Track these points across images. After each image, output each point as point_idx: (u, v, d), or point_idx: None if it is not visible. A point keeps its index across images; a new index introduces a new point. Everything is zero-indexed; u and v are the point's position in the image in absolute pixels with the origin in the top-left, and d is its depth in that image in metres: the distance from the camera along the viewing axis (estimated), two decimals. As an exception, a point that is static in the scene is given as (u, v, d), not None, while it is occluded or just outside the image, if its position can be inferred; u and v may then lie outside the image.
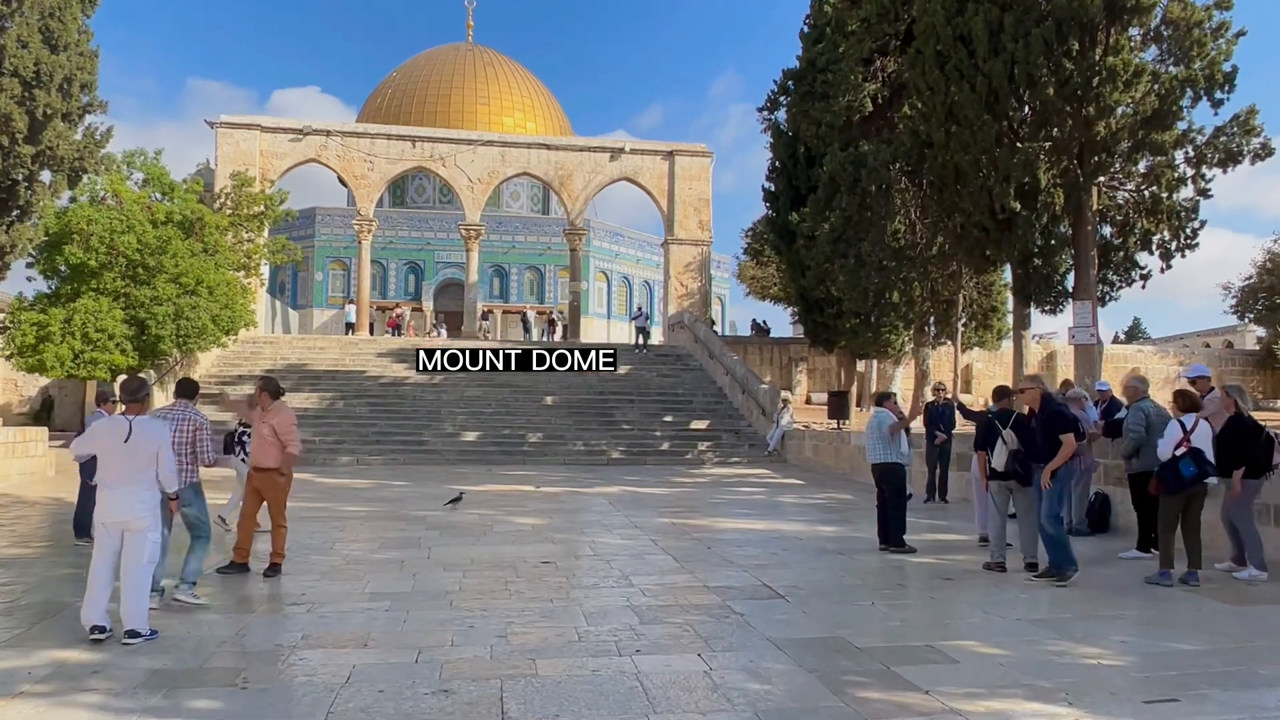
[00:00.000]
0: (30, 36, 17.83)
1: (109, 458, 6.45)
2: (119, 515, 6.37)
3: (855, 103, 20.42)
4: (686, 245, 37.36)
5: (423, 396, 26.88)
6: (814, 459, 21.76)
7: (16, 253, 20.95)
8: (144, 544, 6.39)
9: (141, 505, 6.41)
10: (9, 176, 19.30)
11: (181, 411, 7.53)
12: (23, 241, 20.83)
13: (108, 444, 6.46)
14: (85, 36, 19.86)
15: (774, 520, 12.93)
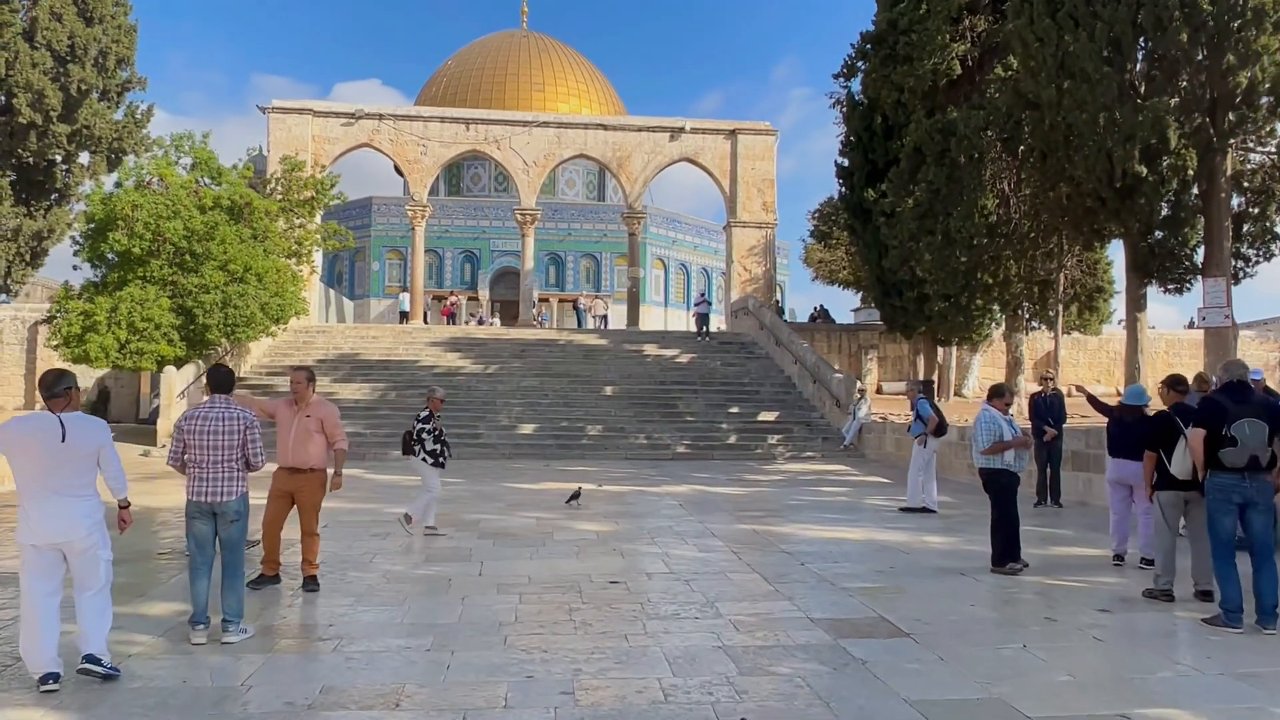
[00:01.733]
0: (64, 8, 17.01)
1: (37, 464, 5.15)
2: (56, 535, 5.15)
3: (942, 65, 18.63)
4: (750, 228, 35.72)
5: (477, 387, 25.78)
6: (896, 454, 20.08)
7: (54, 238, 20.25)
8: (97, 565, 5.28)
9: (85, 520, 5.20)
10: (44, 157, 18.53)
11: (225, 408, 6.32)
12: (61, 226, 20.12)
13: (34, 447, 5.13)
14: (122, 9, 19.02)
15: (869, 527, 11.41)
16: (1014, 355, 20.78)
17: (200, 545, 6.20)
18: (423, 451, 10.36)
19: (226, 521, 6.18)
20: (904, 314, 24.27)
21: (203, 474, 6.13)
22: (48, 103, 17.50)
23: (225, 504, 6.13)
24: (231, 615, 6.10)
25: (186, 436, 6.18)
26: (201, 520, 6.18)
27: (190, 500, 6.20)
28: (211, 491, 6.12)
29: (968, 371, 34.24)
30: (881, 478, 17.56)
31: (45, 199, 20.27)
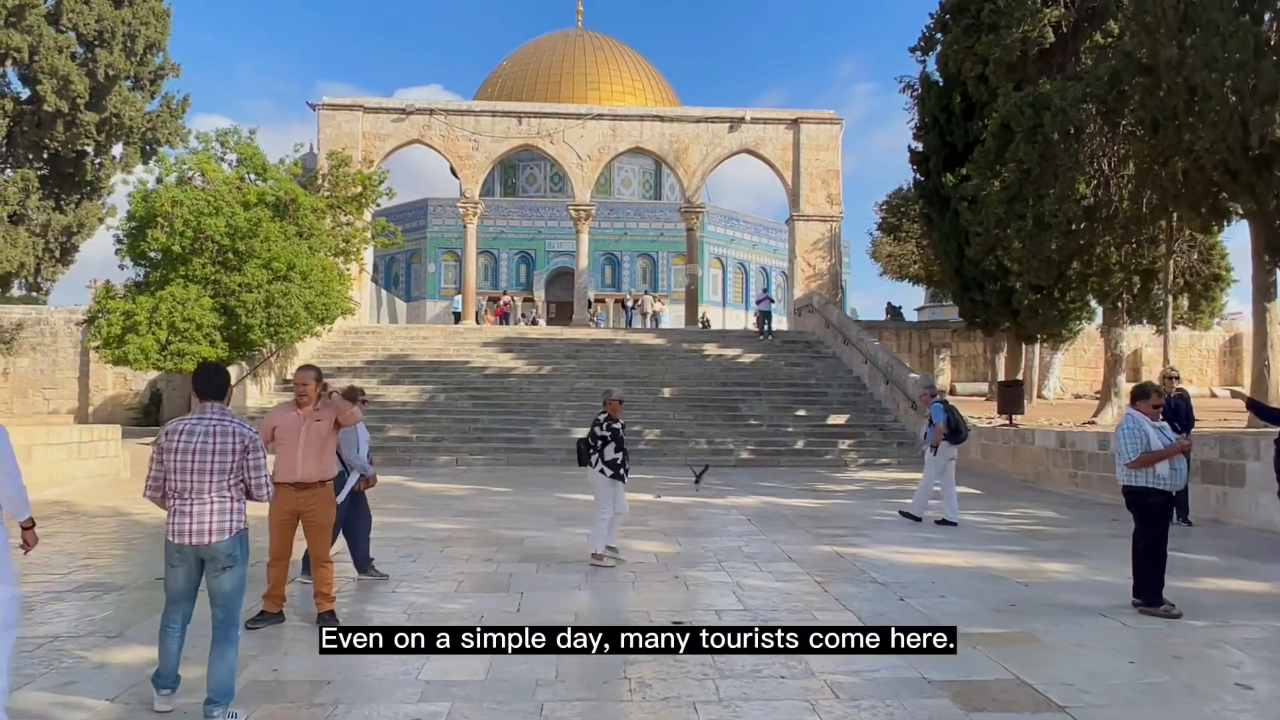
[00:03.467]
0: (91, -11, 16.27)
1: None
2: None
3: (1033, 33, 16.88)
4: (814, 221, 34.03)
5: (529, 389, 24.61)
6: (982, 461, 18.37)
7: (85, 233, 19.52)
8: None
9: None
10: (73, 148, 17.76)
11: (218, 420, 4.75)
12: (91, 221, 19.38)
13: None
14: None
15: (971, 549, 9.84)
16: (1113, 353, 18.85)
17: (176, 600, 4.77)
18: (601, 462, 8.86)
19: (217, 569, 4.69)
20: (985, 309, 22.43)
21: (185, 506, 4.66)
22: (74, 89, 16.68)
23: (214, 546, 4.65)
24: (219, 694, 4.66)
25: (166, 457, 4.70)
26: (182, 568, 4.70)
27: (168, 541, 4.71)
28: (196, 530, 4.63)
29: (1049, 371, 32.16)
30: (970, 487, 15.87)
31: (75, 192, 19.52)
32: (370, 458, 8.31)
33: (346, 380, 25.34)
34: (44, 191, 18.44)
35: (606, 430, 8.84)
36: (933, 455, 11.92)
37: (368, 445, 8.23)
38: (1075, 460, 14.69)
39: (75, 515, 12.23)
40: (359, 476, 8.07)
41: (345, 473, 7.91)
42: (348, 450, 7.86)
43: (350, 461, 7.94)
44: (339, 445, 7.89)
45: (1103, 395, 19.74)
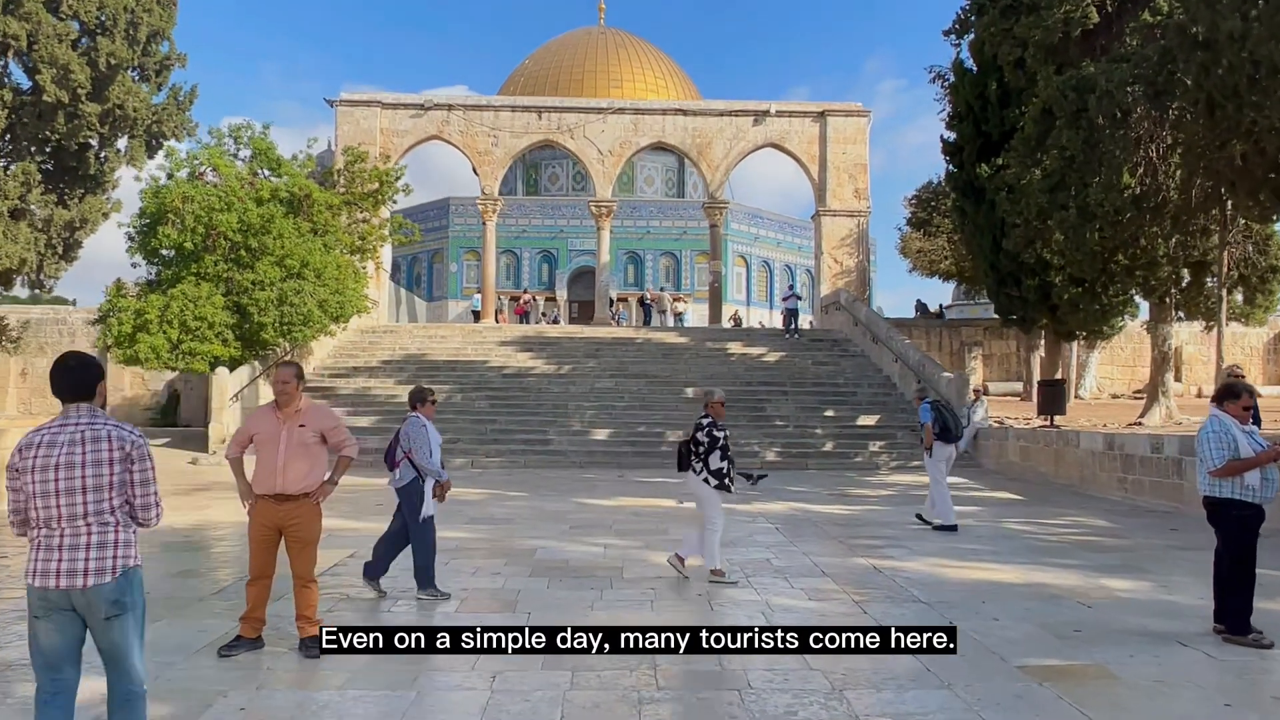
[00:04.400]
0: (92, -25, 15.75)
1: None
2: None
3: (1075, 13, 15.97)
4: (841, 217, 33.13)
5: (548, 389, 23.95)
6: (1021, 464, 17.48)
7: (88, 229, 19.04)
8: None
9: None
10: (76, 140, 17.27)
11: (87, 424, 3.62)
12: (95, 216, 18.89)
13: None
14: (162, -21, 17.73)
15: (1021, 563, 9.03)
16: (1161, 350, 17.84)
17: (53, 664, 3.57)
18: (705, 470, 8.06)
19: (100, 619, 3.52)
20: (1022, 305, 21.48)
21: (52, 539, 3.54)
22: (74, 79, 16.16)
23: (93, 591, 3.50)
24: None
25: (23, 480, 3.59)
26: (53, 620, 3.53)
27: (29, 585, 3.57)
28: (67, 570, 3.50)
29: (1085, 370, 31.08)
30: (1011, 493, 15.02)
31: (79, 187, 19.04)
32: (443, 462, 7.67)
33: (362, 380, 24.83)
34: (46, 185, 17.96)
35: (709, 435, 8.06)
36: (929, 458, 11.67)
37: (440, 448, 7.59)
38: (1125, 464, 13.80)
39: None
40: (434, 483, 7.46)
41: (419, 480, 7.38)
42: (420, 454, 7.34)
43: (423, 467, 7.37)
44: (410, 448, 7.38)
45: (1149, 395, 18.77)
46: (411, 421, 7.49)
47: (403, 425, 7.56)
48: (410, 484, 7.43)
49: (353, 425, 21.74)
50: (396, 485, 7.51)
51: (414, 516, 7.41)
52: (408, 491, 7.45)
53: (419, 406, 7.60)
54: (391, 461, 7.57)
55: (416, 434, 7.38)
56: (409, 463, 7.38)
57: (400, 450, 7.43)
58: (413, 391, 7.73)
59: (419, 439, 7.36)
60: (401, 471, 7.44)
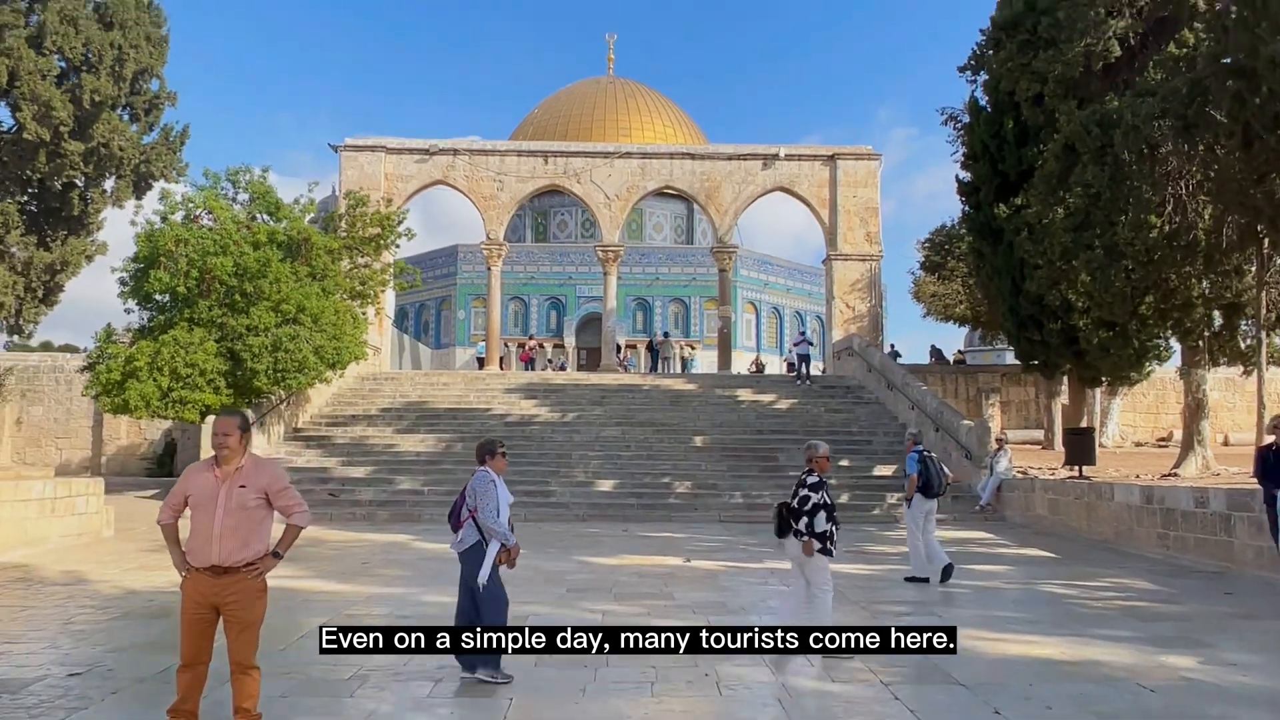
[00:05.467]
0: (78, 10, 15.22)
1: None
2: None
3: (1097, 46, 15.37)
4: (853, 261, 32.45)
5: (551, 437, 23.11)
6: (1050, 518, 16.49)
7: (69, 271, 18.43)
8: None
9: None
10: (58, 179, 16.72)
11: None
12: (76, 258, 18.28)
13: None
14: (154, 18, 17.20)
15: (1066, 634, 8.07)
16: (1195, 397, 16.90)
17: None
18: (810, 534, 7.23)
19: None
20: (1044, 349, 20.62)
21: None
22: (56, 116, 15.64)
23: None
24: None
25: None
26: None
27: None
28: None
29: (1107, 417, 30.09)
30: (1042, 550, 14.04)
31: (62, 228, 18.47)
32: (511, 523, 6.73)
33: (360, 429, 24.03)
34: (27, 226, 17.39)
35: (818, 493, 7.27)
36: (907, 508, 11.40)
37: (509, 508, 6.70)
38: (1165, 519, 12.84)
39: (28, 583, 10.82)
40: (499, 547, 6.53)
41: (483, 542, 6.50)
42: (485, 513, 6.45)
43: (488, 528, 6.48)
44: (474, 506, 6.46)
45: (1183, 444, 17.82)
46: (479, 476, 6.59)
47: (470, 480, 6.65)
48: (474, 548, 6.51)
49: (347, 476, 21.00)
50: (458, 549, 6.62)
51: (474, 581, 6.53)
52: (470, 557, 6.52)
53: (488, 459, 6.68)
54: (455, 521, 6.68)
55: (484, 490, 6.49)
56: (473, 523, 6.50)
57: (465, 508, 6.56)
58: (481, 444, 6.80)
59: (486, 496, 6.47)
60: (464, 533, 6.56)
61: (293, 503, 5.30)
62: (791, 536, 7.34)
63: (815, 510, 7.21)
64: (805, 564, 7.40)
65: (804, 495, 7.26)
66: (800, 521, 7.26)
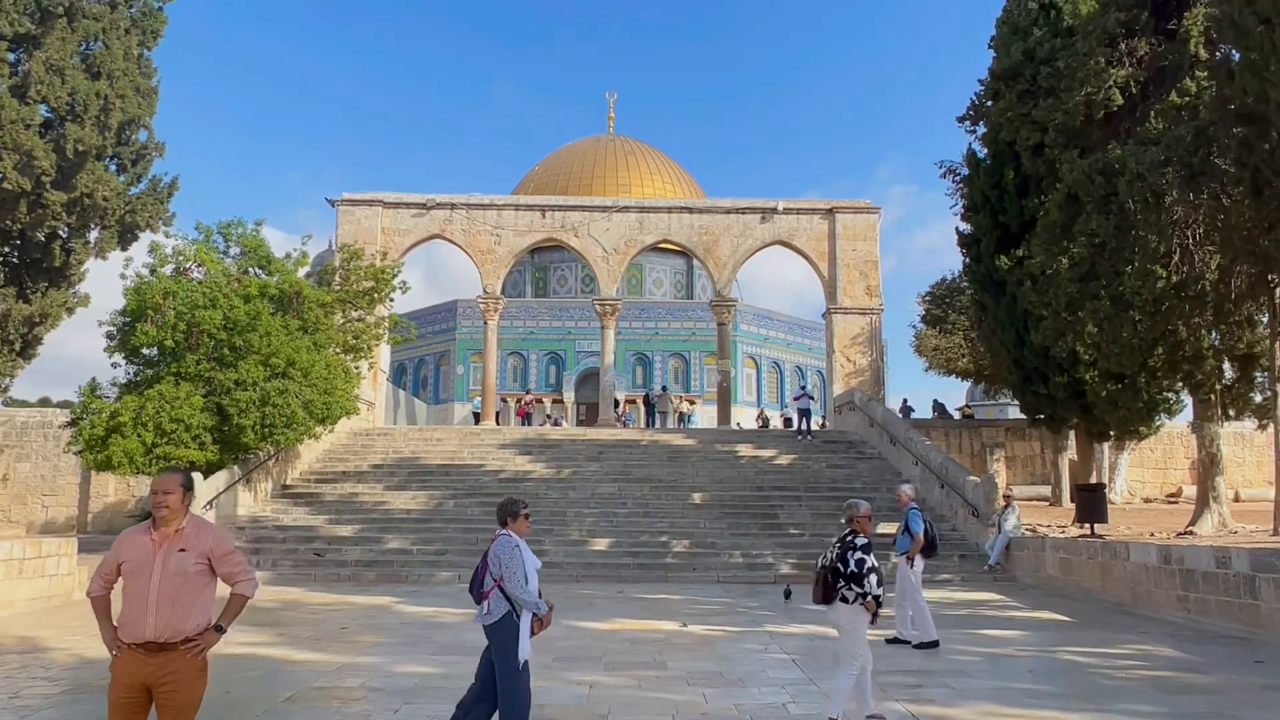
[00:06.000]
0: (64, 60, 15.03)
1: None
2: None
3: (1097, 96, 15.19)
4: (853, 315, 32.12)
5: (546, 494, 22.50)
6: (1062, 578, 15.83)
7: (49, 324, 18.01)
8: None
9: None
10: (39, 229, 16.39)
11: None
12: (56, 310, 17.87)
13: None
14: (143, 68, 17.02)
15: (1094, 710, 7.47)
16: (1209, 451, 16.37)
17: None
18: (859, 599, 6.71)
19: None
20: (1050, 403, 20.13)
21: None
22: (38, 165, 15.37)
23: None
24: None
25: None
26: None
27: None
28: None
29: (1115, 473, 29.45)
30: (1055, 613, 13.39)
31: (43, 279, 18.11)
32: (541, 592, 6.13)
33: (350, 486, 23.42)
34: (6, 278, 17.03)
35: (870, 555, 6.81)
36: (909, 567, 11.16)
37: (537, 574, 6.10)
38: (1185, 581, 12.23)
39: (-18, 651, 10.20)
40: (531, 617, 5.94)
41: (514, 614, 5.90)
42: (513, 582, 5.88)
43: (518, 598, 5.89)
44: (499, 574, 5.85)
45: (1198, 501, 17.23)
46: (501, 541, 6.02)
47: (491, 545, 6.08)
48: (504, 619, 5.88)
49: (333, 535, 20.35)
50: (486, 622, 5.98)
51: (506, 661, 5.87)
52: (500, 629, 5.90)
53: (510, 522, 6.14)
54: (479, 591, 6.06)
55: (508, 556, 5.92)
56: (500, 593, 5.90)
57: (489, 577, 5.97)
58: (503, 504, 6.28)
59: (512, 563, 5.91)
60: (492, 604, 5.93)
61: (238, 570, 4.79)
62: (839, 603, 6.77)
63: (870, 573, 6.73)
64: (847, 634, 6.84)
65: (859, 559, 6.74)
66: (860, 585, 6.71)
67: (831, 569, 6.81)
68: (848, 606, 6.74)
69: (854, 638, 6.80)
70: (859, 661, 6.80)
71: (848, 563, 6.75)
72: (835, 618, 6.89)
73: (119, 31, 16.43)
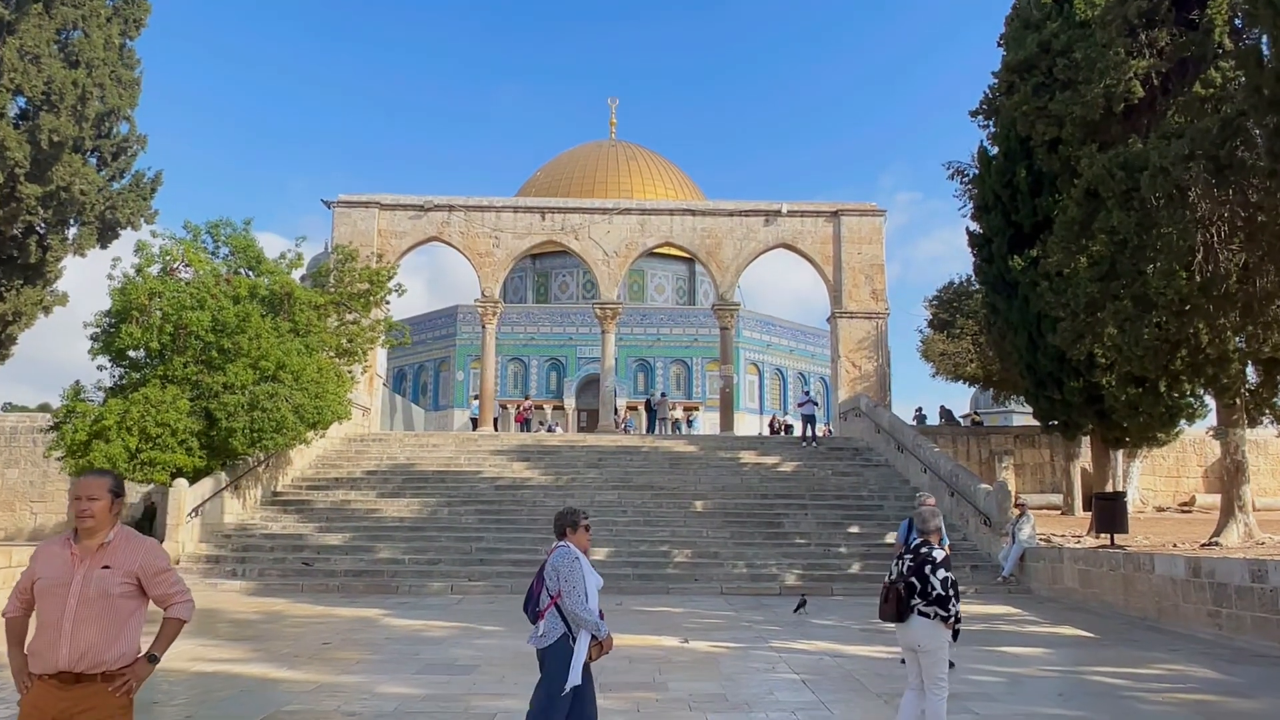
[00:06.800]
0: (42, 48, 14.42)
1: None
2: None
3: (1117, 88, 14.58)
4: (858, 319, 31.46)
5: (544, 502, 21.84)
6: (1081, 591, 15.15)
7: (23, 323, 17.41)
8: None
9: None
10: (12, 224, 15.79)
11: None
12: (31, 309, 17.27)
13: None
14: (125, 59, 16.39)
15: (1132, 741, 6.82)
16: (1234, 458, 15.70)
17: None
18: (937, 611, 6.06)
19: None
20: (1065, 408, 19.45)
21: None
22: (10, 156, 14.76)
23: None
24: None
25: None
26: None
27: None
28: None
29: (1127, 481, 28.74)
30: (1077, 628, 12.71)
31: (18, 276, 17.50)
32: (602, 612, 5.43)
33: (342, 493, 22.75)
34: (-22, 275, 16.46)
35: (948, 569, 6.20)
36: None
37: (598, 591, 5.42)
38: (1217, 595, 11.56)
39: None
40: (590, 639, 5.26)
41: (570, 636, 5.23)
42: (572, 599, 5.21)
43: (577, 617, 5.22)
44: (556, 590, 5.25)
45: (1223, 510, 16.54)
46: (559, 553, 5.37)
47: (547, 558, 5.43)
48: (559, 642, 5.21)
49: (323, 544, 19.67)
50: (541, 644, 5.28)
51: (550, 685, 5.17)
52: (554, 654, 5.21)
53: (569, 533, 5.46)
54: (534, 610, 5.37)
55: (568, 570, 5.26)
56: (556, 612, 5.24)
57: (546, 593, 5.31)
58: (561, 514, 5.59)
59: (572, 577, 5.24)
60: (547, 624, 5.26)
61: (173, 590, 4.14)
62: (915, 618, 6.10)
63: (949, 590, 6.10)
64: (925, 654, 6.17)
65: (944, 578, 6.10)
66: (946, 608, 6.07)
67: (906, 585, 6.16)
68: (928, 622, 6.08)
69: (938, 657, 6.15)
70: (946, 682, 6.17)
71: (927, 579, 6.09)
72: (912, 636, 6.19)
73: (99, 19, 15.85)
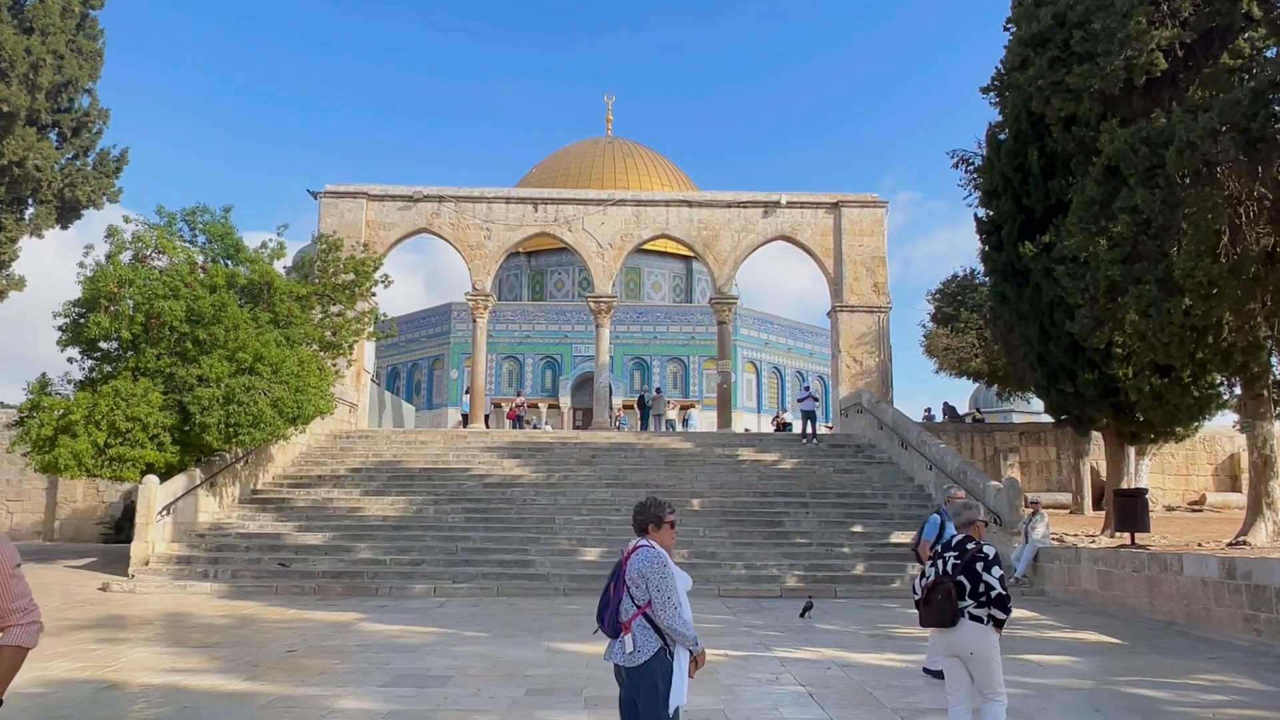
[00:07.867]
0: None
1: None
2: None
3: (1139, 60, 13.73)
4: (859, 313, 30.62)
5: (535, 500, 20.98)
6: (1101, 593, 14.29)
7: None
8: None
9: None
10: (-38, 202, 14.92)
11: None
12: None
13: None
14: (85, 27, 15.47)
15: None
16: (1262, 453, 14.85)
17: None
18: (993, 613, 5.41)
19: None
20: (1078, 402, 18.60)
21: None
22: (-43, 131, 13.93)
23: None
24: None
25: None
26: None
27: None
28: None
29: (1138, 478, 27.92)
30: (1102, 633, 11.85)
31: (-37, 262, 16.65)
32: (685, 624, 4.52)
33: (324, 491, 21.83)
34: (-74, 258, 15.57)
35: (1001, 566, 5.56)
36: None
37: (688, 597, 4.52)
38: (1254, 598, 10.71)
39: None
40: (687, 655, 4.41)
41: (667, 652, 4.35)
42: (665, 610, 4.34)
43: (673, 630, 4.34)
44: (647, 599, 4.37)
45: (1250, 507, 15.71)
46: (644, 555, 4.46)
47: (627, 559, 4.50)
48: (654, 659, 4.31)
49: (301, 544, 18.76)
50: (629, 663, 4.36)
51: (655, 714, 4.29)
52: (649, 673, 4.30)
53: (653, 530, 4.58)
54: (613, 620, 4.45)
55: (659, 576, 4.38)
56: (646, 623, 4.36)
57: (631, 603, 4.41)
58: (643, 505, 4.69)
59: (665, 584, 4.37)
60: (638, 638, 4.36)
61: (15, 606, 3.26)
62: (966, 621, 5.40)
63: (995, 591, 5.45)
64: (978, 661, 5.48)
65: (1001, 575, 5.47)
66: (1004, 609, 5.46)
67: (956, 584, 5.45)
68: (981, 626, 5.41)
69: (993, 664, 5.48)
70: (1004, 690, 5.50)
71: (979, 578, 5.45)
72: (961, 642, 5.47)
73: (59, -17, 14.99)
